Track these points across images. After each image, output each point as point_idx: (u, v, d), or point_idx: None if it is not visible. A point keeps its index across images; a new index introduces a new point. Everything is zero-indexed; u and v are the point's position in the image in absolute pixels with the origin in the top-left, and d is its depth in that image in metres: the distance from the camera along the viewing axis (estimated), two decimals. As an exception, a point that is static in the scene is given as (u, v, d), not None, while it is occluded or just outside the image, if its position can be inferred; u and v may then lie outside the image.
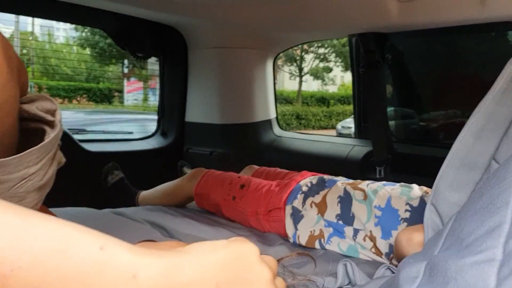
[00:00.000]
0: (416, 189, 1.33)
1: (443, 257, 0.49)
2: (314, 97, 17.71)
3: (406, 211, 1.23)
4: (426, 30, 2.03)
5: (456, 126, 2.50)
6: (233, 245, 0.41)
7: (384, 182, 1.42)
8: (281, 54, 2.59)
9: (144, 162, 2.37)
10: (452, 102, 2.51)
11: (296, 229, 1.38)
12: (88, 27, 8.81)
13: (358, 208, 1.30)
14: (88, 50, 11.81)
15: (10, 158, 0.51)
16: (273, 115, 2.64)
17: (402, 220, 1.22)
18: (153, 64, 2.60)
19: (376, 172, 2.01)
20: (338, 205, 1.34)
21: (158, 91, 2.57)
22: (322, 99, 17.57)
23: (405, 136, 2.61)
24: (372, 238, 1.25)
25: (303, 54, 18.20)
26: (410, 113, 2.65)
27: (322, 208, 1.36)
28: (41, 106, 0.60)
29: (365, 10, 1.78)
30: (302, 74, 18.50)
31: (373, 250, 1.26)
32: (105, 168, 1.98)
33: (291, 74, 18.71)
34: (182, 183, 1.71)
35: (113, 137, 2.74)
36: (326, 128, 15.65)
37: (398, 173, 2.05)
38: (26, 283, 0.30)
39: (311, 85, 21.05)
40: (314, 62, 18.48)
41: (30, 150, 0.53)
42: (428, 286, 0.47)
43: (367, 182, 1.42)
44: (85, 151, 2.09)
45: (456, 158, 0.82)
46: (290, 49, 2.75)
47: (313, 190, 1.43)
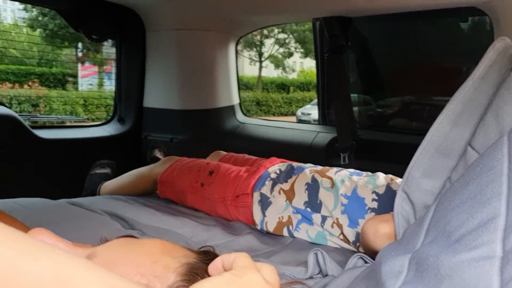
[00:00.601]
0: (381, 177, 1.32)
1: (432, 251, 0.45)
2: (274, 83, 17.70)
3: (373, 200, 1.22)
4: (390, 15, 2.02)
5: (411, 112, 2.54)
6: (238, 282, 0.39)
7: (351, 170, 1.40)
8: (240, 39, 2.52)
9: (100, 149, 2.26)
10: (409, 88, 2.54)
11: (264, 215, 1.35)
12: (39, 7, 8.37)
13: (325, 195, 1.29)
14: (38, 32, 11.27)
15: None
16: (236, 101, 2.58)
17: (370, 209, 1.21)
18: (108, 47, 2.48)
19: (340, 158, 2.00)
20: (305, 192, 1.32)
21: (114, 76, 2.46)
22: (282, 86, 17.59)
23: (365, 122, 2.63)
24: (339, 226, 1.23)
25: (263, 39, 18.12)
26: (368, 99, 2.66)
27: (290, 195, 1.34)
28: None
29: (329, -6, 1.75)
30: (262, 59, 18.43)
31: (341, 237, 1.24)
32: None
33: (251, 60, 18.61)
34: (154, 167, 1.66)
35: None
36: (286, 114, 15.70)
37: (362, 159, 2.05)
38: None
39: (271, 70, 21.05)
40: (274, 47, 18.45)
41: None
42: (417, 284, 0.44)
43: (336, 169, 1.40)
44: (37, 138, 1.97)
45: (431, 145, 0.80)
46: (251, 33, 2.69)
47: (281, 177, 1.40)
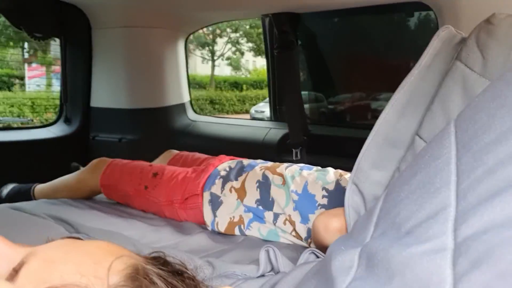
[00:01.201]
0: (331, 173, 1.32)
1: (382, 244, 0.44)
2: (227, 81, 17.65)
3: (324, 197, 1.21)
4: (338, 11, 2.04)
5: (361, 108, 2.59)
6: None
7: (301, 165, 1.40)
8: (192, 38, 2.48)
9: (45, 152, 2.16)
10: (358, 85, 2.59)
11: (214, 216, 1.31)
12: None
13: (276, 192, 1.27)
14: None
15: None
16: (186, 99, 2.53)
17: (320, 206, 1.21)
18: (57, 47, 2.37)
19: (292, 154, 2.00)
20: (257, 190, 1.29)
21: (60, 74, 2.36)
22: (235, 84, 17.57)
23: (317, 119, 2.65)
24: (291, 222, 1.22)
25: (216, 38, 18.03)
26: (319, 97, 2.68)
27: (241, 193, 1.31)
28: None
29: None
30: (215, 58, 18.34)
31: (293, 234, 1.23)
32: None
33: (203, 59, 18.47)
34: (84, 176, 1.55)
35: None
36: (240, 112, 15.69)
37: (313, 154, 2.06)
38: None
39: (224, 69, 20.99)
40: (226, 46, 18.39)
41: None
42: (368, 280, 0.42)
43: (286, 165, 1.38)
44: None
45: (379, 136, 0.79)
46: (202, 32, 2.64)
47: (232, 174, 1.37)
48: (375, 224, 0.53)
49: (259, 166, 1.38)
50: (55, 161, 2.13)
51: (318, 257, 0.83)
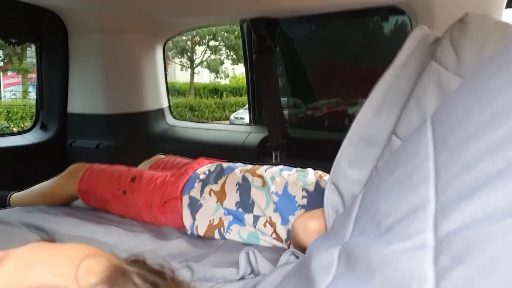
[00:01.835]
0: (311, 174, 1.32)
1: (361, 242, 0.43)
2: (207, 88, 17.63)
3: (303, 198, 1.21)
4: (314, 16, 2.05)
5: (338, 114, 2.61)
6: None
7: (281, 166, 1.39)
8: (171, 46, 2.48)
9: (21, 159, 2.12)
10: (335, 90, 2.61)
11: (194, 219, 1.29)
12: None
13: (256, 194, 1.26)
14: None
15: None
16: (165, 104, 2.51)
17: (300, 206, 1.20)
18: (33, 54, 2.33)
19: (272, 157, 2.00)
20: (237, 192, 1.28)
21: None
22: (214, 91, 17.56)
23: (296, 125, 2.66)
24: (272, 224, 1.21)
25: (194, 46, 18.01)
26: (298, 102, 2.70)
27: (221, 196, 1.29)
28: None
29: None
30: (194, 65, 18.31)
31: (273, 236, 1.22)
32: None
33: (183, 66, 18.43)
34: (61, 182, 1.51)
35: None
36: (220, 119, 15.68)
37: (293, 157, 2.06)
38: None
39: (203, 77, 20.95)
40: (205, 54, 18.38)
41: None
42: (349, 278, 0.41)
43: (266, 167, 1.38)
44: None
45: (355, 135, 0.79)
46: (181, 39, 2.63)
47: (211, 177, 1.36)
48: (354, 221, 0.52)
49: (239, 169, 1.37)
50: (32, 168, 2.09)
51: (298, 258, 0.82)
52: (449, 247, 0.35)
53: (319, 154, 2.01)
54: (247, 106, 2.47)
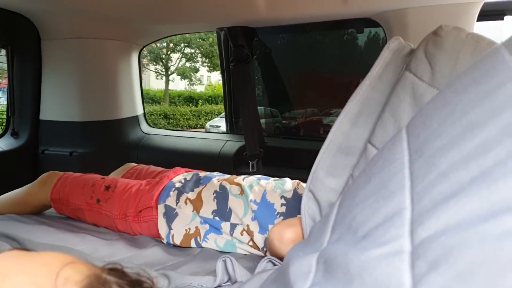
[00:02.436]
0: (289, 182, 1.33)
1: (340, 249, 0.44)
2: (182, 96, 17.54)
3: (282, 205, 1.21)
4: (292, 26, 2.08)
5: (314, 124, 2.65)
6: None
7: (259, 176, 1.40)
8: (146, 53, 2.46)
9: (-10, 166, 2.06)
10: (311, 101, 2.64)
11: (170, 228, 1.28)
12: None
13: (234, 202, 1.26)
14: None
15: None
16: (140, 111, 2.49)
17: (278, 214, 1.20)
18: (3, 58, 2.28)
19: (249, 166, 2.00)
20: (214, 200, 1.28)
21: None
22: (190, 99, 17.48)
23: (272, 134, 2.68)
24: (249, 232, 1.21)
25: (169, 53, 17.93)
26: (274, 112, 2.72)
27: (197, 204, 1.29)
28: None
29: (233, 3, 1.75)
30: (169, 73, 18.21)
31: (250, 244, 1.22)
32: None
33: (158, 73, 18.30)
34: (33, 190, 1.48)
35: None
36: (195, 127, 15.61)
37: (269, 166, 2.07)
38: None
39: (178, 84, 20.86)
40: (180, 61, 18.32)
41: None
42: (326, 285, 0.42)
43: (243, 176, 1.38)
44: None
45: (333, 144, 0.80)
46: (156, 46, 2.62)
47: (187, 186, 1.35)
48: (332, 229, 0.53)
49: (216, 178, 1.37)
50: (2, 176, 2.04)
51: (275, 265, 0.83)
52: (425, 253, 0.36)
53: (296, 163, 2.03)
54: (224, 114, 2.47)
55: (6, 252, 0.48)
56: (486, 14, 1.61)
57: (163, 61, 17.85)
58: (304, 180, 1.30)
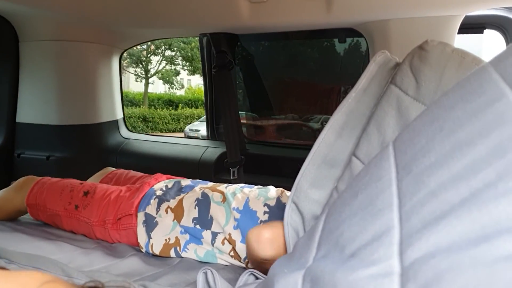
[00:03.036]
0: (272, 190, 1.32)
1: (326, 267, 0.43)
2: (161, 99, 17.43)
3: (265, 213, 1.20)
4: (273, 34, 2.08)
5: (294, 129, 2.65)
6: None
7: (242, 184, 1.39)
8: (126, 55, 2.43)
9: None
10: (291, 107, 2.66)
11: (149, 237, 1.26)
12: None
13: (216, 210, 1.24)
14: None
15: None
16: (120, 116, 2.45)
17: (261, 222, 1.19)
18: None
19: (230, 173, 1.99)
20: (195, 208, 1.26)
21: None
22: (169, 102, 17.38)
23: (252, 139, 2.68)
24: (231, 241, 1.20)
25: (150, 55, 17.80)
26: (255, 117, 2.72)
27: (178, 213, 1.27)
28: None
29: (216, 9, 1.73)
30: (149, 76, 18.07)
31: (231, 254, 1.21)
32: None
33: (137, 76, 18.15)
34: (8, 195, 1.44)
35: None
36: (174, 131, 15.51)
37: (251, 173, 2.06)
38: None
39: (158, 87, 20.71)
40: (161, 64, 18.20)
41: None
42: (315, 303, 0.41)
43: (226, 184, 1.37)
44: None
45: (318, 156, 0.80)
46: (137, 48, 2.59)
47: (168, 194, 1.33)
48: (318, 245, 0.52)
49: (199, 186, 1.35)
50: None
51: (257, 278, 0.82)
52: (415, 275, 0.35)
53: (277, 170, 2.02)
54: (204, 118, 2.46)
55: None
56: (466, 27, 1.64)
57: (143, 63, 17.71)
58: (286, 188, 1.30)
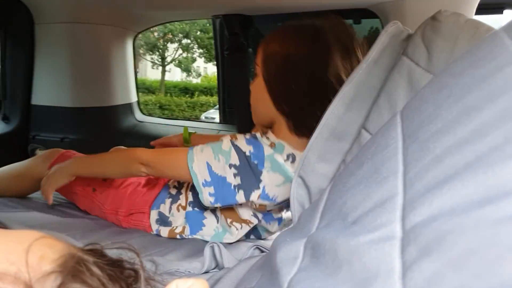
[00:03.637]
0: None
1: (328, 235, 0.42)
2: (178, 87, 17.47)
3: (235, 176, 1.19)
4: (288, 15, 2.05)
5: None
6: None
7: None
8: (142, 42, 2.42)
9: (-20, 151, 2.04)
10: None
11: (159, 229, 1.27)
12: None
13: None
14: None
15: None
16: (134, 99, 2.46)
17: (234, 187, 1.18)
18: None
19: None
20: (189, 192, 1.26)
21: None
22: (185, 90, 17.41)
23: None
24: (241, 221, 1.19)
25: (167, 43, 17.84)
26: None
27: (185, 204, 1.27)
28: None
29: (229, -11, 1.72)
30: (165, 63, 18.13)
31: (236, 233, 1.20)
32: None
33: (154, 63, 18.22)
34: (34, 163, 1.46)
35: None
36: (190, 119, 15.56)
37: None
38: None
39: (175, 75, 20.78)
40: (177, 51, 18.23)
41: None
42: (314, 270, 0.40)
43: None
44: None
45: (326, 129, 0.79)
46: (153, 36, 2.58)
47: (180, 192, 1.32)
48: (321, 214, 0.51)
49: None
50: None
51: (262, 251, 0.81)
52: (416, 238, 0.34)
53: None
54: (217, 105, 2.45)
55: None
56: (485, 7, 1.59)
57: (160, 51, 17.75)
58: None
